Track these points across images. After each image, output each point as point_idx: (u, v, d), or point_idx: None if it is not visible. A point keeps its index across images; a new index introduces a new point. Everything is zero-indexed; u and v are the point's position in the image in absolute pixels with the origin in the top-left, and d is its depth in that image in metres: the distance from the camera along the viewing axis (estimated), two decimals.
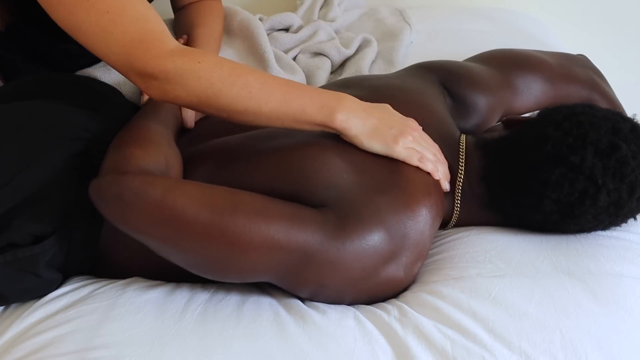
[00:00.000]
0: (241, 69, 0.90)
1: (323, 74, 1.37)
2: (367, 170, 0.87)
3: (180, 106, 1.03)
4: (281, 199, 0.83)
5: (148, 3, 0.92)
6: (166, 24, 1.37)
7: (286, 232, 0.79)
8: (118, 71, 0.91)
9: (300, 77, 1.32)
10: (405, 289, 0.89)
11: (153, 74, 0.87)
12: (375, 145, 0.90)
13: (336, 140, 0.91)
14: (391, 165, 0.88)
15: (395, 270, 0.84)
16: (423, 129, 0.95)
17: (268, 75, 0.93)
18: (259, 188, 0.85)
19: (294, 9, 1.65)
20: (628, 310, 0.81)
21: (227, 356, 0.76)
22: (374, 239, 0.81)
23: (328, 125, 0.89)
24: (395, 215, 0.83)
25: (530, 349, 0.75)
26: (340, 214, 0.81)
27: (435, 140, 0.96)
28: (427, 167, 0.91)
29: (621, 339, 0.78)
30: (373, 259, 0.82)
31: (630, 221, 0.93)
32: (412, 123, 0.93)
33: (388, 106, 0.94)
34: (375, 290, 0.85)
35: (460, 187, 0.95)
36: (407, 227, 0.84)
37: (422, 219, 0.85)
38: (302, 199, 0.84)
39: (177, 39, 1.22)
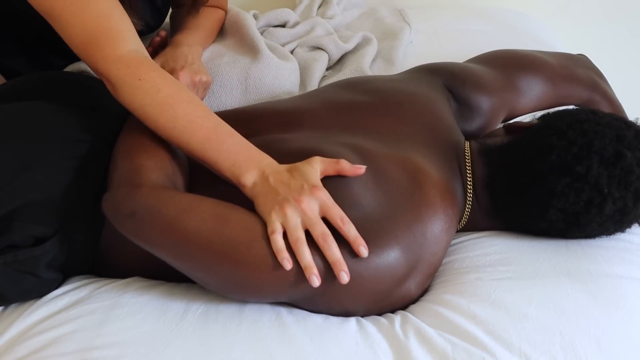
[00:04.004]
0: (176, 99, 0.89)
1: (319, 66, 1.37)
2: (390, 192, 0.85)
3: None
4: None
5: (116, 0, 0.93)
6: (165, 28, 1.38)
7: None
8: None
9: (293, 65, 1.32)
10: None
11: (102, 74, 0.91)
12: (259, 210, 0.82)
13: (364, 157, 0.88)
14: (413, 186, 0.86)
15: (407, 290, 0.84)
16: (431, 135, 0.95)
17: (201, 113, 0.89)
18: None
19: (292, 7, 1.65)
20: (628, 311, 0.81)
21: (229, 357, 0.76)
22: (390, 261, 0.80)
23: (236, 184, 0.86)
24: (411, 239, 0.82)
25: (531, 350, 0.75)
26: None
27: (443, 148, 0.96)
28: (280, 256, 0.76)
29: (621, 339, 0.78)
30: (387, 283, 0.81)
31: None
32: (300, 196, 0.80)
33: (305, 166, 0.83)
34: (387, 306, 0.85)
35: (470, 196, 0.95)
36: (423, 250, 0.83)
37: (437, 243, 0.85)
38: None
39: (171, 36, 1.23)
